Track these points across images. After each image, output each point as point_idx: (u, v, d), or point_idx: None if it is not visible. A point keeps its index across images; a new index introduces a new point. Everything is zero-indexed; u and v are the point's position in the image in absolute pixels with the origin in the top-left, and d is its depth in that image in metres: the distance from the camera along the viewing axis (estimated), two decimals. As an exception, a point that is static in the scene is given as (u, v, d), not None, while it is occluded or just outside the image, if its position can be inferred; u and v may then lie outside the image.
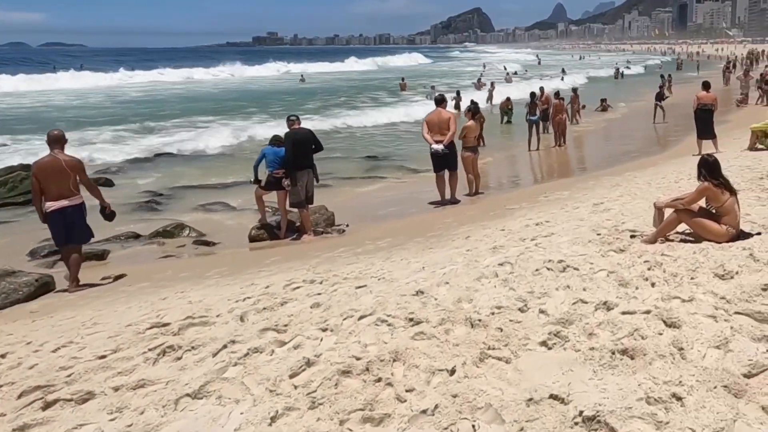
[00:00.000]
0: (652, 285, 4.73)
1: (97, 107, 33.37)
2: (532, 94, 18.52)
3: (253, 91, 43.06)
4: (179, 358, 4.27)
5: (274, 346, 4.24)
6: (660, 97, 23.22)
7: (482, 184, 11.98)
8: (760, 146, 12.70)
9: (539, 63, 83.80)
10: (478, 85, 38.02)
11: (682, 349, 3.52)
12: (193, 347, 4.42)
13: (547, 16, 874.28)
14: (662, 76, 33.65)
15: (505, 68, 61.88)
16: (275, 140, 9.43)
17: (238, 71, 68.64)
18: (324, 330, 4.53)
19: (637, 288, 4.70)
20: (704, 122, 13.56)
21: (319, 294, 5.53)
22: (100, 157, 16.70)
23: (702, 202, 6.04)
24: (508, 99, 23.97)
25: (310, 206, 9.28)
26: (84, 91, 44.13)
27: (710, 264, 5.03)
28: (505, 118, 23.55)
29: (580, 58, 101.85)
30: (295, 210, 9.23)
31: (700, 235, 5.94)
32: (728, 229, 5.77)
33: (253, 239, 9.08)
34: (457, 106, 24.15)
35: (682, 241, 6.06)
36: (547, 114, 18.49)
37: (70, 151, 7.66)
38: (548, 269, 5.40)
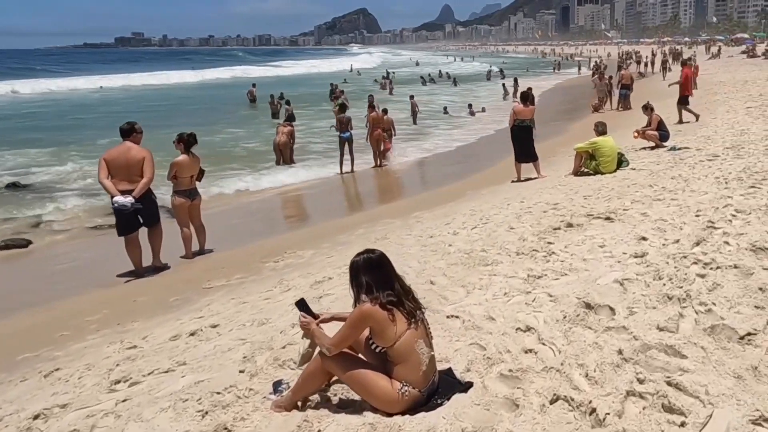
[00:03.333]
0: None
1: None
2: (342, 107, 15.90)
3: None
4: None
5: None
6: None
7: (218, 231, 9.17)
8: (586, 169, 10.82)
9: (417, 64, 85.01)
10: (337, 95, 30.11)
11: None
12: None
13: (435, 17, 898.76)
14: (515, 79, 35.26)
15: (388, 71, 55.91)
16: None
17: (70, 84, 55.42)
18: None
19: None
20: (523, 142, 11.44)
21: None
22: None
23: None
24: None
25: None
26: None
27: None
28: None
29: (454, 59, 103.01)
30: None
31: (363, 399, 3.37)
32: (404, 390, 3.22)
33: None
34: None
35: (339, 403, 3.48)
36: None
37: None
38: None
